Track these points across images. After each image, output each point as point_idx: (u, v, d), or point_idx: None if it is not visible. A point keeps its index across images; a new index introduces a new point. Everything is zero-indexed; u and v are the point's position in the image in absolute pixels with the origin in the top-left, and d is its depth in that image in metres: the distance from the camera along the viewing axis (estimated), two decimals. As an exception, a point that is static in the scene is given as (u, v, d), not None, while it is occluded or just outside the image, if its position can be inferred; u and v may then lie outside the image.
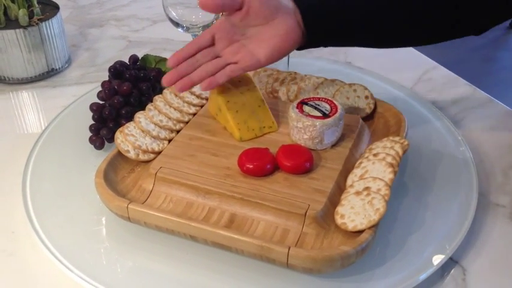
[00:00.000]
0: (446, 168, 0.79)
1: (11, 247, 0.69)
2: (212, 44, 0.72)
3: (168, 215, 0.63)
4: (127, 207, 0.64)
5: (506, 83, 2.59)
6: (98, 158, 0.75)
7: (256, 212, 0.66)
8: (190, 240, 0.64)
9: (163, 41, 1.18)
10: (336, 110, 0.74)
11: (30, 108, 0.98)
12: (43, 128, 0.88)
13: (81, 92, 0.97)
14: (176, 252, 0.66)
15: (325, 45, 0.75)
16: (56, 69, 1.05)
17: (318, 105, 0.75)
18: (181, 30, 0.92)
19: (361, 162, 0.71)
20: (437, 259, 0.65)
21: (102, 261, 0.65)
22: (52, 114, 0.92)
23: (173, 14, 0.91)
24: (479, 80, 1.10)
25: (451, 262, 0.66)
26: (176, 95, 0.83)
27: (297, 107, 0.74)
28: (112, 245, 0.67)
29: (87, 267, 0.64)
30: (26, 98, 1.00)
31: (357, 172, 0.70)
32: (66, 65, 1.08)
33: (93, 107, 0.82)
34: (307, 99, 0.76)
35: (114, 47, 1.16)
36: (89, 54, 1.13)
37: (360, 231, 0.62)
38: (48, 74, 1.04)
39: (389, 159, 0.70)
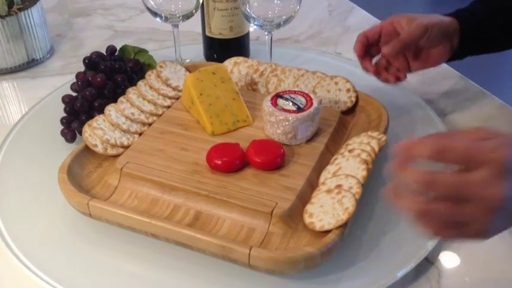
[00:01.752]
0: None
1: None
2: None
3: (129, 213, 0.61)
4: (87, 204, 0.62)
5: (503, 76, 2.52)
6: (69, 152, 0.73)
7: (222, 209, 0.63)
8: (153, 238, 0.62)
9: (150, 31, 1.15)
10: (311, 104, 0.71)
11: (8, 100, 0.96)
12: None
13: (61, 83, 0.95)
14: (139, 250, 0.64)
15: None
16: (37, 60, 1.03)
17: (293, 98, 0.72)
18: (160, 20, 0.90)
19: (335, 159, 0.68)
20: (412, 260, 0.62)
21: (63, 260, 0.63)
22: (30, 105, 0.90)
23: (151, 3, 0.88)
24: (472, 72, 1.06)
25: (427, 263, 0.63)
26: (151, 87, 0.81)
27: (271, 100, 0.72)
28: (75, 242, 0.65)
29: (46, 265, 0.62)
30: (5, 89, 0.99)
31: (330, 169, 0.67)
32: (48, 56, 1.06)
33: (65, 99, 0.80)
34: (283, 92, 0.73)
35: (100, 37, 1.14)
36: (72, 44, 1.11)
37: (328, 231, 0.59)
38: (29, 64, 1.02)
39: (364, 155, 0.67)
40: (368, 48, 0.79)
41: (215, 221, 0.63)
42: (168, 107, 0.79)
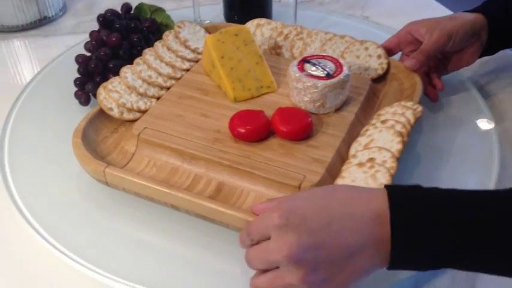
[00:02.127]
0: (465, 138, 0.71)
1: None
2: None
3: (148, 182, 0.57)
4: (104, 171, 0.59)
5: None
6: (83, 115, 0.69)
7: (246, 181, 0.59)
8: (171, 208, 0.58)
9: (167, -11, 1.09)
10: (341, 70, 0.66)
11: (20, 59, 0.92)
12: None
13: (74, 42, 0.91)
14: (157, 220, 0.60)
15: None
16: (49, 18, 0.99)
17: (322, 63, 0.67)
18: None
19: (367, 130, 0.64)
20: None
21: (76, 227, 0.60)
22: (42, 65, 0.86)
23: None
24: None
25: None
26: (169, 49, 0.76)
27: (298, 66, 0.67)
28: (89, 209, 0.62)
29: (58, 232, 0.59)
30: (16, 47, 0.94)
31: (361, 141, 0.63)
32: (61, 13, 1.01)
33: (79, 59, 0.75)
34: (310, 56, 0.68)
35: (114, -5, 1.08)
36: (86, 2, 1.06)
37: (359, 208, 0.55)
38: (41, 22, 0.98)
39: (398, 127, 0.62)
40: None
41: (239, 194, 0.59)
42: (187, 70, 0.75)
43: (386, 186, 0.46)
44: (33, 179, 0.66)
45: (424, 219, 0.44)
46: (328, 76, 0.65)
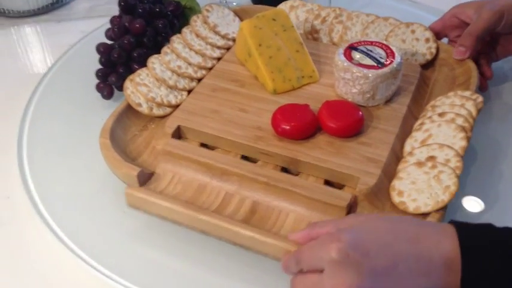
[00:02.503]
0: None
1: (5, 215, 0.59)
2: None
3: (175, 204, 0.50)
4: (137, 176, 0.53)
5: None
6: (107, 110, 0.63)
7: (283, 200, 0.52)
8: (201, 233, 0.51)
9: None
10: (393, 58, 0.60)
11: (32, 47, 0.86)
12: (46, 69, 0.76)
13: (89, 28, 0.85)
14: (185, 243, 0.53)
15: None
16: (62, 1, 0.92)
17: (370, 50, 0.61)
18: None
19: (422, 124, 0.58)
20: None
21: (101, 234, 0.55)
22: (56, 53, 0.80)
23: None
24: None
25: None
26: (198, 35, 0.70)
27: (345, 54, 0.61)
28: (115, 220, 0.56)
29: (84, 241, 0.54)
30: (28, 34, 0.88)
31: (417, 136, 0.57)
32: (74, -4, 0.94)
33: (100, 49, 0.69)
34: (357, 43, 0.62)
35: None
36: (100, -17, 0.99)
37: (424, 214, 0.50)
38: (53, 6, 0.91)
39: (460, 121, 0.56)
40: None
41: (276, 215, 0.51)
42: (218, 58, 0.69)
43: (455, 224, 0.41)
44: (54, 179, 0.61)
45: (499, 273, 0.38)
46: (380, 65, 0.59)
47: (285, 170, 0.56)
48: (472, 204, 0.57)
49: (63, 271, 0.53)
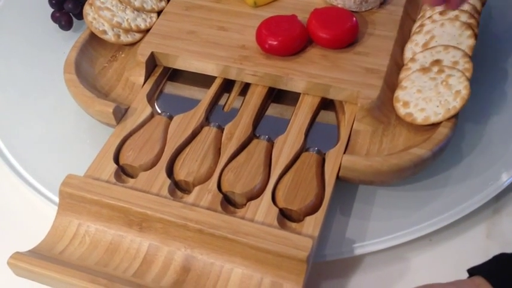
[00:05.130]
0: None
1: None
2: None
3: (69, 274, 0.38)
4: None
5: None
6: (68, 42, 0.56)
7: (225, 253, 0.40)
8: None
9: None
10: (386, -47, 0.53)
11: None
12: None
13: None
14: None
15: None
16: None
17: None
18: None
19: (422, 25, 0.52)
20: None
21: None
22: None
23: None
24: None
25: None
26: None
27: (331, -48, 0.54)
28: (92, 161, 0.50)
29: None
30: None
31: (418, 39, 0.52)
32: None
33: (50, -28, 0.60)
34: None
35: None
36: None
37: (434, 124, 0.45)
38: None
39: (464, 17, 0.51)
40: None
41: (216, 274, 0.40)
42: (187, -28, 0.61)
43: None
44: (19, 125, 0.55)
45: None
46: (371, -38, 0.52)
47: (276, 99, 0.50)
48: (482, 109, 0.52)
49: (38, 218, 0.48)
